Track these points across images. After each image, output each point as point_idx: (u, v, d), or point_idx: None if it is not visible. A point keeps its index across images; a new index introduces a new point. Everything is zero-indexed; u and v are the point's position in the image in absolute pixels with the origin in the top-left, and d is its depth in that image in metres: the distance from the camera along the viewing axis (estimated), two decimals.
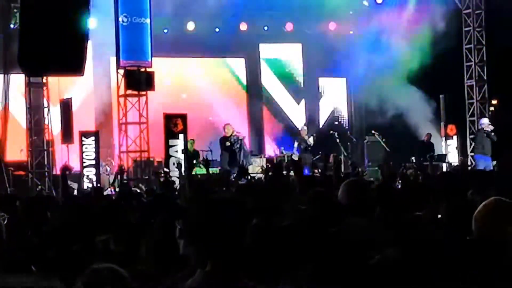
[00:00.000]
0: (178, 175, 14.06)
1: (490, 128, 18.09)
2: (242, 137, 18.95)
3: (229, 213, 3.01)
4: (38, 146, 16.85)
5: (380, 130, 21.31)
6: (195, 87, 22.86)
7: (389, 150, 20.50)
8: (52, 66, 15.40)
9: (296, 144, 20.25)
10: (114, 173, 17.51)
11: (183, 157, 17.07)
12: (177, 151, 17.29)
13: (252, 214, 4.80)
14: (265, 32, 23.05)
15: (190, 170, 16.55)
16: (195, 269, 3.27)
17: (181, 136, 17.56)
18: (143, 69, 18.07)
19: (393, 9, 22.22)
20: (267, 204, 5.37)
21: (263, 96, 23.79)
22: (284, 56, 24.22)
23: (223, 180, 11.15)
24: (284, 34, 23.31)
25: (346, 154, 20.54)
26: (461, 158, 21.11)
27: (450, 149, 21.71)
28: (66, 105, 17.62)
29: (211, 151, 19.31)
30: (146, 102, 18.55)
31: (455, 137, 21.74)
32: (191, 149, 18.56)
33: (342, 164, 20.41)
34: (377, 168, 17.32)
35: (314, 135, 20.85)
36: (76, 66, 15.66)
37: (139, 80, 18.01)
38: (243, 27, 22.52)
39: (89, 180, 16.58)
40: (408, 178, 10.46)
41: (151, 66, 18.18)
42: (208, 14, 21.02)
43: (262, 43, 23.57)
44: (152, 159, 18.95)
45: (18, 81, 17.37)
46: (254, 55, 23.58)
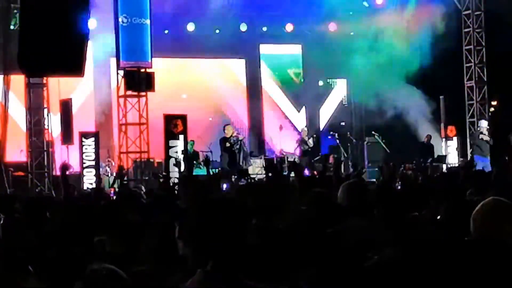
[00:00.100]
0: (178, 174, 14.07)
1: (487, 132, 18.19)
2: (242, 138, 18.95)
3: (229, 213, 3.02)
4: (38, 147, 16.86)
5: (380, 131, 21.32)
6: (195, 88, 22.86)
7: (389, 151, 20.50)
8: (52, 66, 15.35)
9: (296, 145, 20.25)
10: (114, 174, 17.53)
11: (182, 157, 17.10)
12: (177, 152, 17.29)
13: (252, 214, 4.80)
14: (265, 33, 23.07)
15: (190, 170, 16.58)
16: (193, 269, 3.27)
17: (181, 137, 17.57)
18: (143, 70, 18.05)
19: (393, 10, 22.23)
20: (267, 204, 5.37)
21: (263, 97, 23.79)
22: (284, 57, 24.22)
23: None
24: (284, 35, 23.32)
25: (346, 155, 20.56)
26: (462, 160, 21.10)
27: (450, 150, 21.72)
28: (66, 106, 17.63)
29: (211, 151, 19.31)
30: (146, 103, 18.54)
31: (455, 138, 21.75)
32: (191, 150, 18.57)
33: (342, 165, 20.47)
34: (377, 169, 17.34)
35: (314, 136, 20.86)
36: (76, 67, 15.60)
37: (139, 81, 18.00)
38: (243, 28, 22.52)
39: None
40: (408, 179, 10.45)
41: (151, 67, 18.17)
42: (208, 15, 21.03)
43: (262, 44, 23.58)
44: (152, 160, 18.94)
45: (18, 81, 17.37)
46: (254, 56, 23.58)
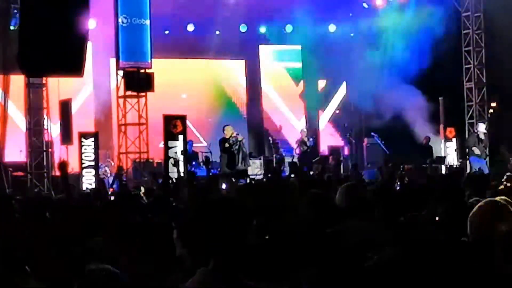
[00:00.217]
0: (176, 175, 14.08)
1: (484, 136, 18.22)
2: (241, 138, 18.94)
3: (229, 213, 3.02)
4: (37, 147, 16.85)
5: (380, 132, 21.32)
6: (194, 89, 22.86)
7: (388, 152, 20.50)
8: (51, 67, 15.37)
9: (295, 145, 20.26)
10: (113, 175, 17.54)
11: (181, 158, 17.10)
12: (176, 152, 17.30)
13: (252, 214, 4.81)
14: (265, 34, 23.07)
15: (189, 171, 16.58)
16: (190, 270, 3.27)
17: (181, 137, 17.57)
18: (142, 70, 18.06)
19: (392, 12, 22.24)
20: (267, 205, 5.38)
21: (263, 98, 23.80)
22: (284, 58, 24.22)
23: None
24: (284, 36, 23.32)
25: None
26: (461, 161, 21.11)
27: (449, 151, 21.72)
28: (65, 106, 17.62)
29: (211, 152, 19.31)
30: (146, 103, 18.55)
31: (454, 139, 21.75)
32: (190, 150, 18.56)
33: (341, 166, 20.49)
34: (377, 170, 17.36)
35: (314, 136, 20.86)
36: (75, 67, 15.63)
37: (139, 81, 18.01)
38: (243, 29, 22.53)
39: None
40: (407, 180, 10.48)
41: (151, 67, 18.18)
42: (208, 16, 21.03)
43: (262, 45, 23.59)
44: (151, 160, 18.95)
45: (17, 82, 17.36)
46: (254, 57, 23.58)
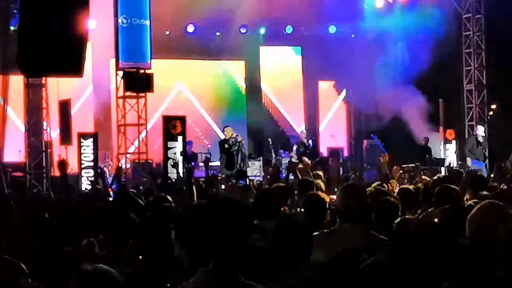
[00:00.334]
0: (176, 175, 14.06)
1: (482, 139, 18.23)
2: (240, 139, 18.94)
3: (230, 214, 3.02)
4: (37, 148, 16.83)
5: (379, 134, 21.32)
6: (194, 89, 22.86)
7: (388, 153, 20.47)
8: (51, 67, 15.36)
9: (295, 147, 20.24)
10: (112, 175, 17.51)
11: (181, 159, 17.09)
12: (175, 153, 17.29)
13: (253, 214, 4.81)
14: (265, 35, 23.07)
15: (188, 172, 16.56)
16: (188, 270, 3.27)
17: (180, 138, 17.57)
18: (142, 71, 18.05)
19: (393, 13, 22.24)
20: (266, 205, 5.38)
21: (263, 99, 23.80)
22: (284, 59, 24.22)
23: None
24: (284, 37, 23.32)
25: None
26: (460, 163, 21.11)
27: (449, 153, 21.73)
28: (64, 106, 17.61)
29: (210, 153, 19.31)
30: (145, 104, 18.55)
31: (454, 141, 21.76)
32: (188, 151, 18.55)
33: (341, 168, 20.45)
34: (377, 171, 17.31)
35: (313, 138, 20.86)
36: (75, 67, 15.62)
37: (138, 82, 18.00)
38: (243, 30, 22.53)
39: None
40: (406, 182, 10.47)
41: (150, 68, 18.17)
42: (208, 17, 21.02)
43: (262, 46, 23.59)
44: (150, 161, 18.95)
45: (17, 82, 17.35)
46: (254, 58, 23.58)
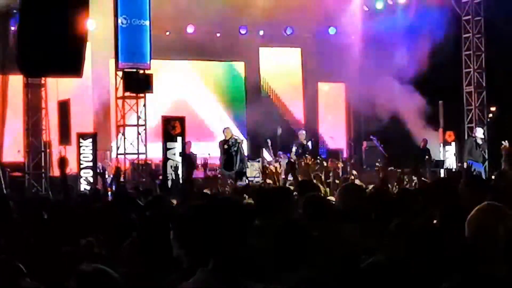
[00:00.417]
0: (175, 177, 14.07)
1: (481, 141, 18.25)
2: (240, 140, 18.96)
3: (230, 214, 3.02)
4: (36, 148, 16.84)
5: (378, 135, 21.31)
6: (194, 90, 22.87)
7: (387, 155, 20.50)
8: (50, 67, 15.37)
9: (294, 148, 20.24)
10: (111, 176, 17.50)
11: (180, 160, 17.09)
12: (174, 154, 17.29)
13: (253, 214, 4.81)
14: (265, 36, 23.08)
15: (188, 173, 16.58)
16: (188, 270, 3.26)
17: (179, 139, 17.56)
18: (141, 71, 18.04)
19: (393, 15, 22.25)
20: (267, 205, 5.38)
21: (262, 100, 23.79)
22: (284, 60, 24.23)
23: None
24: (284, 38, 23.33)
25: (344, 160, 20.58)
26: (459, 165, 21.11)
27: (448, 155, 21.73)
28: (64, 107, 17.61)
29: (209, 154, 19.30)
30: (145, 105, 18.54)
31: (453, 143, 21.76)
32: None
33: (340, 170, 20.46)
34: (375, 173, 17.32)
35: (312, 139, 20.86)
36: (74, 67, 15.63)
37: (138, 82, 17.98)
38: (243, 31, 22.54)
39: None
40: (404, 183, 10.46)
41: (150, 68, 18.16)
42: (208, 18, 21.02)
43: (262, 47, 23.59)
44: (149, 162, 18.94)
45: (16, 82, 17.36)
46: (253, 59, 23.58)
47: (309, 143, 20.13)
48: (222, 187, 12.64)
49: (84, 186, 16.56)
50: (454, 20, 21.60)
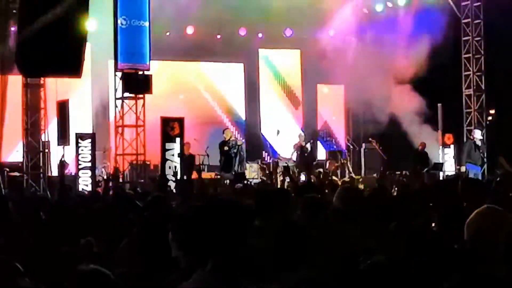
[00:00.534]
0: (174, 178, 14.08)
1: (480, 140, 18.26)
2: (240, 143, 18.97)
3: (229, 214, 3.02)
4: (34, 148, 16.82)
5: (377, 138, 21.32)
6: (193, 91, 22.87)
7: (386, 158, 20.51)
8: (50, 67, 15.28)
9: (293, 150, 20.26)
10: (110, 176, 17.48)
11: (179, 161, 17.08)
12: (173, 155, 17.28)
13: (252, 215, 4.81)
14: (264, 38, 23.09)
15: (187, 174, 16.58)
16: (187, 271, 3.26)
17: (178, 139, 17.55)
18: (141, 72, 18.03)
19: (392, 17, 22.26)
20: (266, 206, 5.38)
21: (261, 101, 23.80)
22: (283, 62, 24.24)
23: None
24: (283, 40, 23.34)
25: (343, 161, 20.59)
26: (458, 168, 21.11)
27: (447, 158, 21.72)
28: (62, 107, 17.58)
29: (208, 155, 19.31)
30: (144, 105, 18.51)
31: (452, 146, 21.76)
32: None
33: (339, 171, 20.50)
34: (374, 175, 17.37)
35: (311, 141, 20.86)
36: (74, 67, 15.54)
37: (137, 83, 17.96)
38: (242, 32, 22.54)
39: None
40: (403, 186, 10.48)
41: (149, 69, 18.14)
42: (207, 19, 21.03)
43: (261, 49, 23.60)
44: (148, 163, 18.92)
45: (15, 82, 17.34)
46: (253, 60, 23.59)
47: (308, 144, 20.14)
48: (221, 188, 12.66)
49: (82, 186, 16.55)
50: (454, 23, 21.62)
